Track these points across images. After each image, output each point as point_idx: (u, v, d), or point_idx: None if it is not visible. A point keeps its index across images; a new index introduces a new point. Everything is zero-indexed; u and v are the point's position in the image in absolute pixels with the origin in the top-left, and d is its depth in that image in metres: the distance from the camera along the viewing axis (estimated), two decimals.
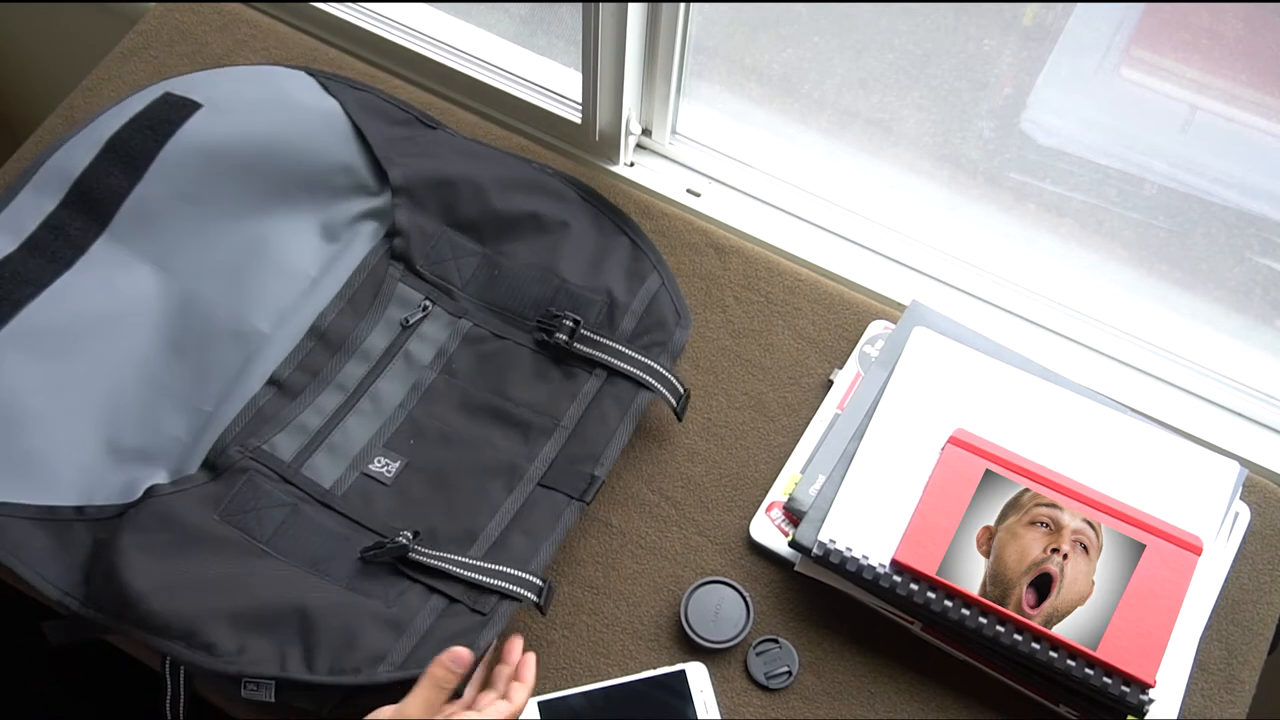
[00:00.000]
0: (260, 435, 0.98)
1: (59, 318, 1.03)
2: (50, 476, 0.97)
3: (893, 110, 1.12)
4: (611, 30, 1.05)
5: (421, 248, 1.07)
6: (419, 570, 0.91)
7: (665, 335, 1.05)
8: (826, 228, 1.17)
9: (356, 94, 1.14)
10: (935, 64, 1.06)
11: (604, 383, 1.02)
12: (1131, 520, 0.94)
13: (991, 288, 1.13)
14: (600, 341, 1.02)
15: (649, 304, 1.06)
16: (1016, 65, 1.02)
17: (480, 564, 0.92)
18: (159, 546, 0.91)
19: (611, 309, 1.04)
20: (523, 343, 1.04)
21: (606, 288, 1.05)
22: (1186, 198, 1.03)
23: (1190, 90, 0.96)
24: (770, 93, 1.18)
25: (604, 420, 1.00)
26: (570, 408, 1.00)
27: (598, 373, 1.02)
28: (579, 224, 1.09)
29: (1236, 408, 1.09)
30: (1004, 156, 1.09)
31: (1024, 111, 1.04)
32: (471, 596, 0.91)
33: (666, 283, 1.07)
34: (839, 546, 0.94)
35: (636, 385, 1.01)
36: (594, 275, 1.06)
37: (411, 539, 0.91)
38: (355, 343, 1.03)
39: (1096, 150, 1.04)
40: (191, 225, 1.07)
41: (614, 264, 1.07)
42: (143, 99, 1.12)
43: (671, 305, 1.06)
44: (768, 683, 0.94)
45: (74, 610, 0.91)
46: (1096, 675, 0.89)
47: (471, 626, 0.89)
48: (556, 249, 1.07)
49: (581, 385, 1.01)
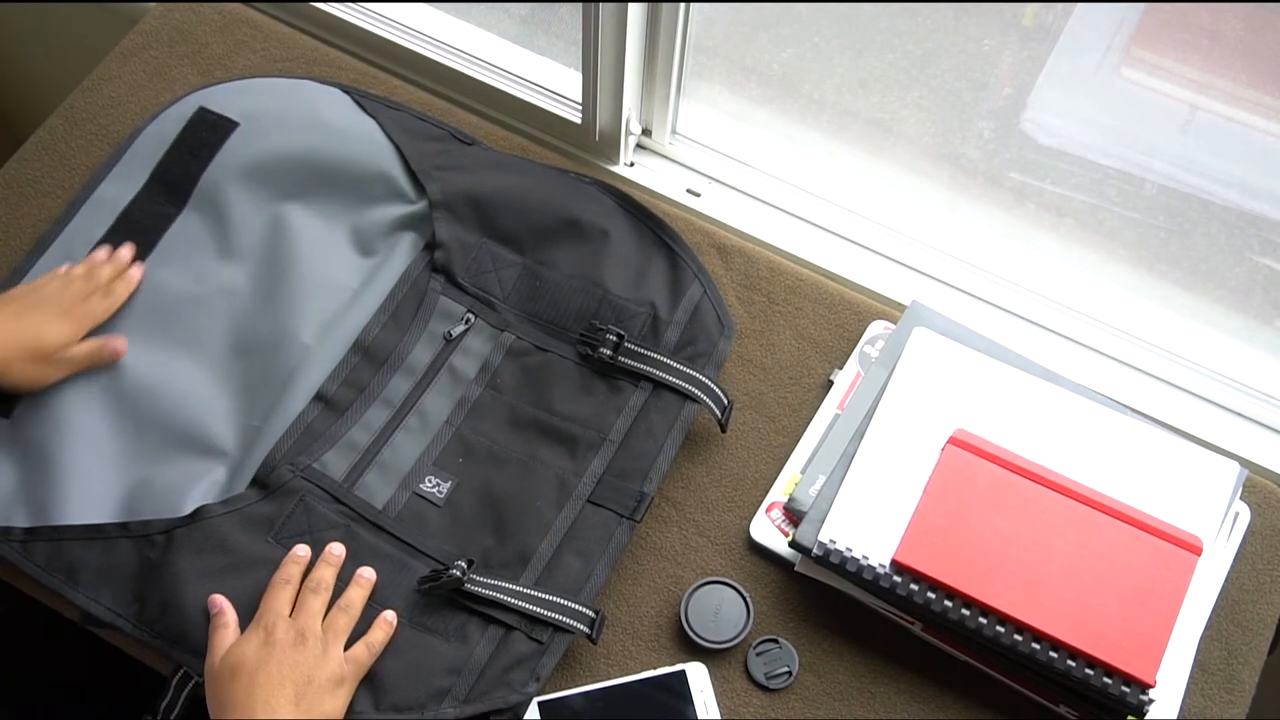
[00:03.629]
0: (310, 453, 0.97)
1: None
2: (92, 493, 0.96)
3: (893, 110, 1.12)
4: (611, 30, 1.05)
5: (462, 260, 1.06)
6: (475, 600, 0.91)
7: (710, 345, 1.04)
8: (827, 228, 1.17)
9: (392, 113, 1.14)
10: (935, 64, 1.06)
11: (649, 395, 1.01)
12: (1131, 520, 0.94)
13: (991, 288, 1.13)
14: (645, 354, 1.02)
15: (692, 314, 1.06)
16: (1016, 65, 1.02)
17: (535, 594, 0.92)
18: (216, 572, 0.91)
19: (655, 321, 1.04)
20: (566, 355, 1.03)
21: (649, 300, 1.05)
22: (1186, 198, 1.03)
23: (1190, 90, 0.96)
24: (770, 93, 1.18)
25: (651, 434, 1.00)
26: (617, 421, 1.00)
27: (643, 385, 1.01)
28: (619, 232, 1.08)
29: (1236, 408, 1.09)
30: (1004, 156, 1.09)
31: (1024, 111, 1.04)
32: (528, 625, 0.91)
33: (709, 291, 1.07)
34: (839, 547, 0.94)
35: (683, 397, 1.01)
36: (636, 286, 1.05)
37: (466, 569, 0.91)
38: (400, 357, 1.02)
39: (1096, 150, 1.04)
40: (231, 243, 1.08)
41: (655, 273, 1.07)
42: (178, 118, 1.13)
43: (715, 314, 1.06)
44: (768, 683, 0.94)
45: (126, 632, 0.91)
46: (1096, 675, 0.89)
47: (531, 654, 0.90)
48: (597, 258, 1.06)
49: (627, 399, 1.01)
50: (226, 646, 0.87)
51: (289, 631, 0.86)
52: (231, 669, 0.84)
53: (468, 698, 0.88)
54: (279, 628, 0.87)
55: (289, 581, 0.90)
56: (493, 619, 0.91)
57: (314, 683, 0.84)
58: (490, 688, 0.88)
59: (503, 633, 0.91)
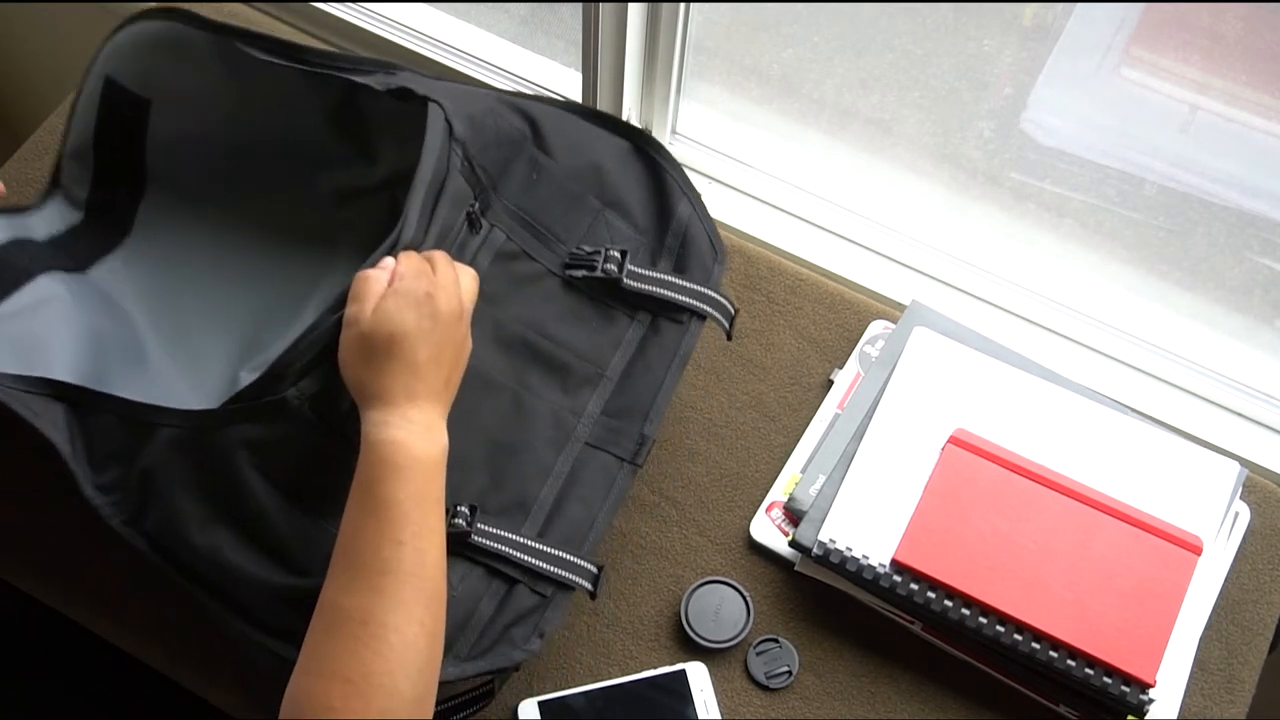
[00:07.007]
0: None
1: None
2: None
3: (893, 110, 1.12)
4: (611, 30, 1.05)
5: (476, 137, 0.89)
6: (479, 553, 0.85)
7: (704, 273, 0.96)
8: (827, 228, 1.17)
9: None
10: (935, 64, 1.06)
11: (647, 329, 0.94)
12: (1131, 520, 0.94)
13: (991, 288, 1.13)
14: (651, 275, 0.93)
15: (684, 238, 0.96)
16: (1016, 65, 1.02)
17: (542, 549, 0.86)
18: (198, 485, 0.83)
19: (649, 243, 0.96)
20: (555, 271, 0.92)
21: (639, 219, 0.96)
22: (1186, 198, 1.03)
23: (1190, 90, 0.96)
24: (770, 93, 1.18)
25: (650, 370, 0.93)
26: (614, 357, 0.92)
27: (640, 317, 0.94)
28: (605, 145, 0.97)
29: (1236, 408, 1.09)
30: (1004, 156, 1.09)
31: (1024, 111, 1.04)
32: (531, 579, 0.86)
33: (698, 211, 0.97)
34: (839, 546, 0.94)
35: (680, 330, 0.94)
36: (627, 202, 0.96)
37: (470, 518, 0.84)
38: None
39: (1096, 150, 1.04)
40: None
41: (644, 190, 0.97)
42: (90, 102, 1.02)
43: (706, 237, 0.97)
44: (768, 683, 0.94)
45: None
46: (1096, 675, 0.89)
47: (534, 608, 0.85)
48: (592, 171, 0.95)
49: (624, 331, 0.93)
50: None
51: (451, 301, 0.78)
52: (390, 336, 0.75)
53: (470, 654, 0.83)
54: (442, 299, 0.77)
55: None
56: (497, 572, 0.85)
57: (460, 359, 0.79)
58: (493, 644, 0.83)
59: (506, 588, 0.85)
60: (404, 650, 0.70)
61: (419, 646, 0.71)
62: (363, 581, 0.71)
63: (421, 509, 0.74)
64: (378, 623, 0.70)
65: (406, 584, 0.71)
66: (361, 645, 0.69)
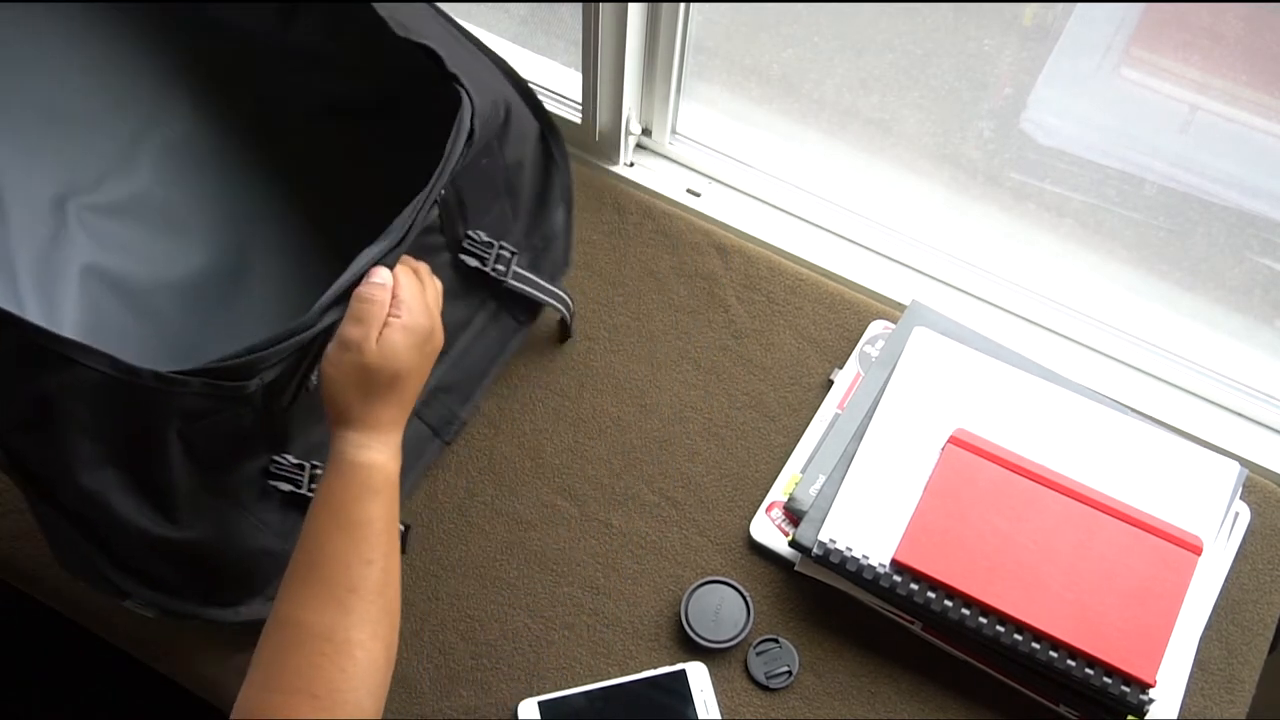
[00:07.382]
0: None
1: None
2: None
3: (893, 110, 1.12)
4: (611, 30, 1.05)
5: (481, 133, 0.86)
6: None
7: (551, 280, 1.01)
8: (827, 227, 1.17)
9: None
10: (935, 64, 1.06)
11: (490, 318, 0.98)
12: (1131, 520, 0.94)
13: (991, 288, 1.13)
14: (527, 277, 0.97)
15: (547, 243, 1.02)
16: (1016, 65, 1.02)
17: None
18: None
19: (516, 239, 0.97)
20: (450, 248, 0.92)
21: (524, 221, 0.98)
22: (1186, 198, 1.03)
23: (1190, 90, 0.96)
24: (770, 93, 1.18)
25: (486, 354, 0.97)
26: (462, 337, 0.96)
27: (489, 305, 0.98)
28: (533, 139, 0.96)
29: (1236, 408, 1.09)
30: (1004, 156, 1.09)
31: (1024, 111, 1.04)
32: None
33: (568, 220, 1.01)
34: (839, 546, 0.94)
35: (515, 328, 1.00)
36: (520, 198, 0.96)
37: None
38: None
39: (1096, 150, 1.04)
40: None
41: (535, 189, 0.98)
42: None
43: (564, 250, 1.03)
44: (768, 683, 0.94)
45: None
46: (1096, 675, 0.89)
47: None
48: (517, 165, 0.94)
49: (474, 313, 0.97)
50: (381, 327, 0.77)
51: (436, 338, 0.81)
52: (394, 373, 0.77)
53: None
54: (438, 335, 0.81)
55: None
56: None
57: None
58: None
59: None
60: (368, 666, 0.71)
61: (380, 663, 0.72)
62: (329, 598, 0.72)
63: (390, 530, 0.75)
64: (343, 639, 0.70)
65: (374, 602, 0.72)
66: (327, 661, 0.70)
